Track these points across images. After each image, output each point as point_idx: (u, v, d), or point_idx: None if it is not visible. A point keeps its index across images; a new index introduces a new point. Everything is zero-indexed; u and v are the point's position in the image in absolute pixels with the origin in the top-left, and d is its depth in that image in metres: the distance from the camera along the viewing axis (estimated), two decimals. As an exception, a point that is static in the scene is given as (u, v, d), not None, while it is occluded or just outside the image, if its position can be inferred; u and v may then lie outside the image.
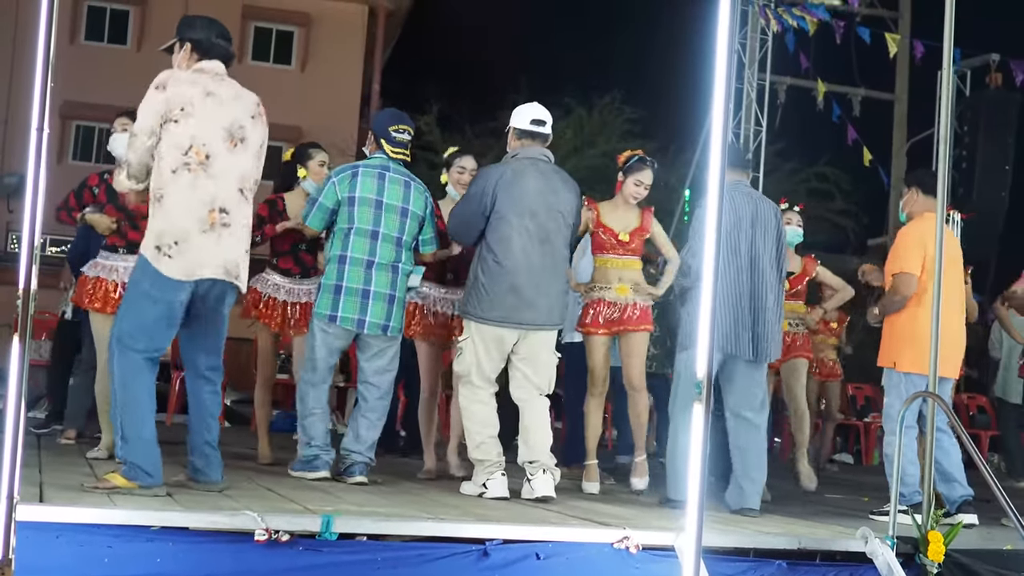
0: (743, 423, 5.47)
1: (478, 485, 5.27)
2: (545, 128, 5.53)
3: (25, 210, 3.16)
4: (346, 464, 5.46)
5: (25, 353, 3.10)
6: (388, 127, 5.60)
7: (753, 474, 5.40)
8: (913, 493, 5.49)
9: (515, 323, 5.30)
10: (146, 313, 4.34)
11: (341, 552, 3.78)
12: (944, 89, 5.16)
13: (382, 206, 5.47)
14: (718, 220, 3.24)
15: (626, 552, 4.02)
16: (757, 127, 14.39)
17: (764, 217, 5.56)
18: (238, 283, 4.53)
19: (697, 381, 3.15)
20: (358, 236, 5.43)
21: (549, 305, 5.37)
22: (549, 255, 5.37)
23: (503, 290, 5.27)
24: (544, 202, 5.36)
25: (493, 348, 5.34)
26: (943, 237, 5.03)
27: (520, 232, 5.30)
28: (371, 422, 5.53)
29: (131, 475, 4.23)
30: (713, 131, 3.22)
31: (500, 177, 5.36)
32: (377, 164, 5.56)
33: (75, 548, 3.52)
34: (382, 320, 5.46)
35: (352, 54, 21.14)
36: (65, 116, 19.00)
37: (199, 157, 4.37)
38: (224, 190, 4.43)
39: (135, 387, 4.31)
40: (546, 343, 5.43)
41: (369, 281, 5.42)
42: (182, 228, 4.34)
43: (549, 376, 5.45)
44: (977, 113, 14.74)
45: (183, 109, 4.35)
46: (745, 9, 14.09)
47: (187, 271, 4.35)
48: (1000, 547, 4.77)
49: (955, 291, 5.71)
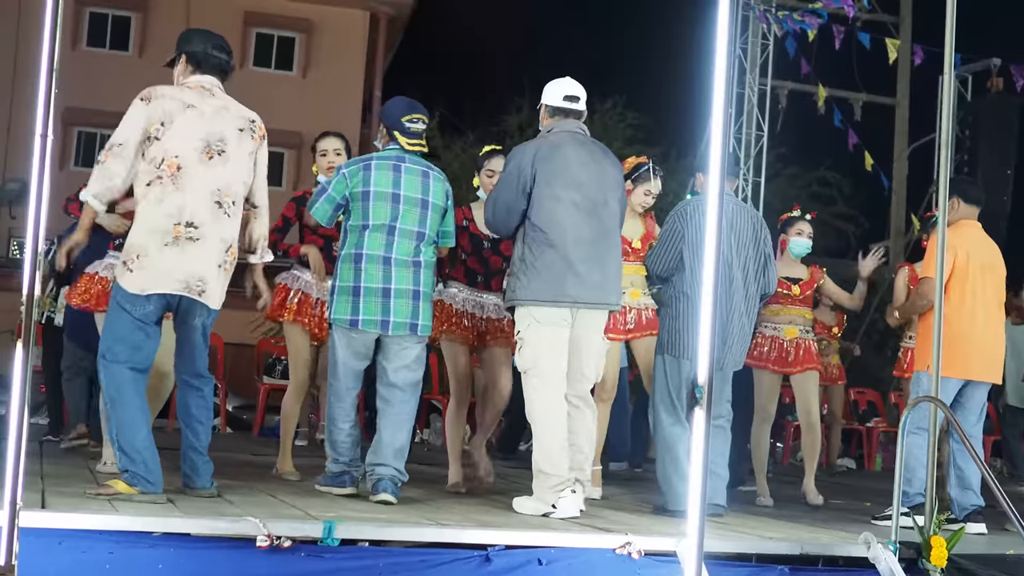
0: (714, 429, 5.42)
1: (544, 503, 4.77)
2: (579, 104, 5.19)
3: (28, 216, 3.17)
4: (373, 480, 4.91)
5: (28, 359, 3.10)
6: (401, 117, 5.14)
7: (717, 471, 5.31)
8: (916, 495, 5.48)
9: (571, 300, 4.90)
10: (120, 326, 4.39)
11: (343, 558, 3.78)
12: (945, 94, 5.17)
13: (399, 199, 5.02)
14: (718, 225, 3.24)
15: (628, 558, 4.02)
16: (758, 132, 14.39)
17: (740, 225, 5.51)
18: (201, 300, 4.45)
19: (698, 387, 3.15)
20: (374, 232, 4.97)
21: (605, 282, 4.97)
22: (599, 228, 4.98)
23: (557, 267, 4.88)
24: (588, 173, 5.00)
25: (557, 331, 4.89)
26: (944, 240, 5.03)
27: (566, 204, 4.92)
28: (397, 426, 4.99)
29: (132, 481, 4.25)
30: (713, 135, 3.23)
31: (537, 151, 5.00)
32: (392, 156, 5.12)
33: (77, 554, 3.52)
34: (408, 318, 4.99)
35: (353, 60, 21.14)
36: (67, 122, 19.00)
37: (171, 169, 4.37)
38: (194, 203, 4.39)
39: (123, 399, 4.34)
40: (596, 326, 5.04)
41: (389, 279, 4.96)
42: (143, 243, 4.36)
43: (598, 365, 5.09)
44: (978, 118, 14.74)
45: (163, 124, 4.38)
46: (746, 14, 14.10)
47: (143, 285, 4.36)
48: (1003, 552, 4.76)
49: (993, 296, 5.79)
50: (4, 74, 17.40)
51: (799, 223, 6.92)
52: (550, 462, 4.79)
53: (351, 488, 5.04)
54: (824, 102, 14.76)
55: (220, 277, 4.51)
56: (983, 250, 5.87)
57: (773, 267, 5.69)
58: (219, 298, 4.54)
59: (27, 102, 3.45)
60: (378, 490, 4.84)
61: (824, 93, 14.76)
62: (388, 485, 4.85)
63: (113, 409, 4.36)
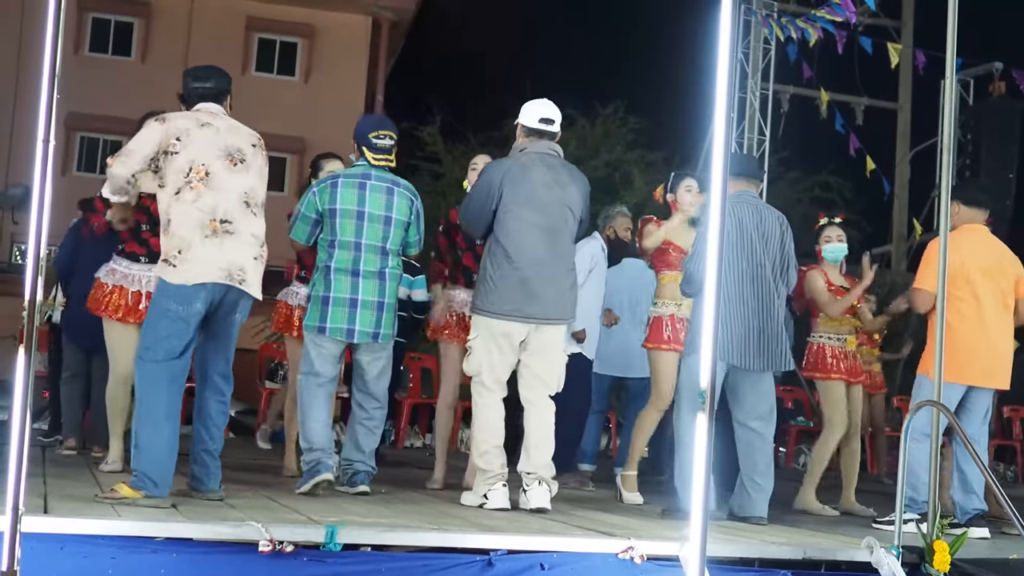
0: (749, 433, 5.47)
1: (479, 496, 5.21)
2: (553, 127, 5.46)
3: (31, 221, 3.17)
4: (348, 474, 5.44)
5: (30, 364, 3.10)
6: (368, 134, 5.48)
7: (760, 481, 5.39)
8: (924, 502, 5.47)
9: (524, 317, 5.23)
10: (161, 324, 4.49)
11: (345, 562, 3.78)
12: (947, 98, 5.17)
13: (364, 216, 5.39)
14: (720, 230, 3.24)
15: (630, 562, 4.01)
16: (760, 136, 14.41)
17: (768, 228, 5.56)
18: (244, 288, 4.62)
19: (700, 391, 3.15)
20: (342, 248, 5.37)
21: (558, 298, 5.30)
22: (557, 248, 5.31)
23: (512, 284, 5.21)
24: (552, 196, 5.30)
25: (504, 344, 5.26)
26: (947, 243, 5.02)
27: (528, 226, 5.25)
28: (369, 430, 5.50)
29: (137, 485, 4.28)
30: (715, 140, 3.23)
31: (507, 171, 5.31)
32: (358, 172, 5.47)
33: (79, 559, 3.52)
34: (371, 328, 5.39)
35: (355, 65, 21.15)
36: (70, 127, 19.01)
37: (199, 174, 4.54)
38: (226, 202, 4.59)
39: (154, 397, 4.41)
40: (555, 338, 5.35)
41: (356, 289, 5.36)
42: (185, 238, 4.51)
43: (558, 374, 5.37)
44: (980, 122, 14.74)
45: (179, 139, 4.55)
46: (748, 19, 14.11)
47: (189, 277, 4.49)
48: (1006, 556, 4.75)
49: (998, 300, 5.71)
50: (7, 79, 17.43)
51: (830, 228, 6.86)
52: (484, 460, 5.23)
53: (327, 474, 5.25)
54: (826, 106, 14.77)
55: (257, 268, 4.70)
56: (985, 254, 5.80)
57: (795, 269, 5.74)
58: (258, 287, 4.72)
59: (29, 107, 3.47)
60: (356, 483, 5.37)
61: (826, 97, 14.77)
62: (364, 478, 5.41)
63: (141, 404, 4.43)
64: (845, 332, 6.81)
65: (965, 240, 5.74)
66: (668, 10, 17.75)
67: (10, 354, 3.23)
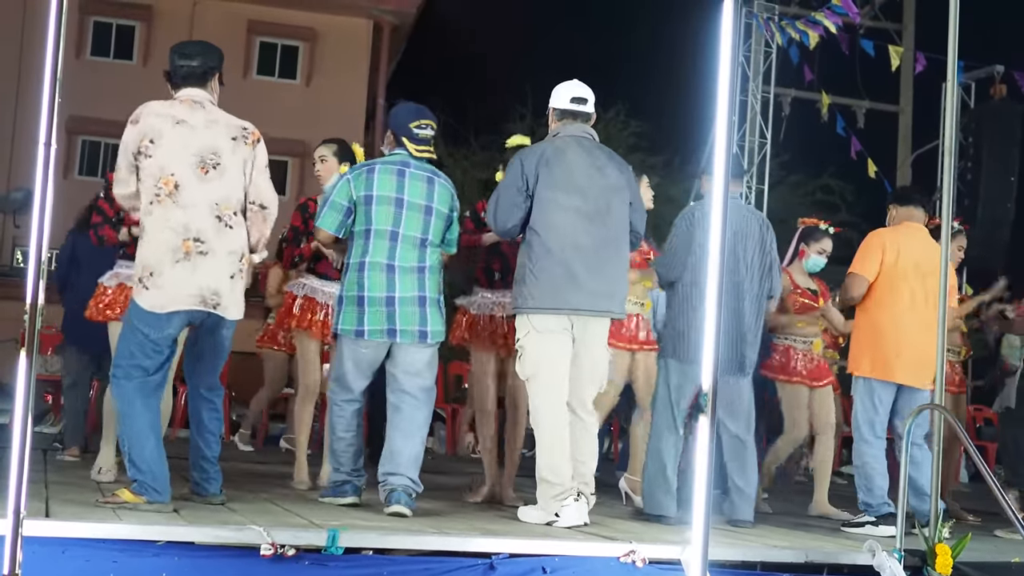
0: (729, 436, 5.46)
1: (548, 512, 4.74)
2: (587, 106, 5.14)
3: (32, 225, 3.17)
4: (385, 490, 4.78)
5: (32, 368, 3.10)
6: (409, 123, 5.03)
7: (741, 485, 5.39)
8: (881, 504, 5.48)
9: (570, 308, 4.85)
10: (134, 345, 4.42)
11: (347, 566, 3.78)
12: (948, 100, 5.16)
13: (403, 204, 4.92)
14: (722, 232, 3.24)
15: (632, 566, 4.01)
16: (762, 139, 14.40)
17: (749, 230, 5.53)
18: (219, 312, 4.48)
19: (703, 394, 3.15)
20: (377, 238, 4.87)
21: (607, 290, 4.91)
22: (602, 234, 4.93)
23: (552, 273, 4.84)
24: (591, 179, 4.96)
25: (558, 340, 4.84)
26: (948, 247, 5.01)
27: (567, 211, 4.88)
28: (408, 434, 4.86)
29: (139, 491, 4.27)
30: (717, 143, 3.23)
31: (540, 156, 4.96)
32: (397, 160, 5.01)
33: (81, 563, 3.52)
34: (416, 326, 4.86)
35: (357, 68, 21.16)
36: (71, 131, 19.03)
37: (168, 187, 4.40)
38: (197, 219, 4.42)
39: (133, 413, 4.37)
40: (599, 334, 4.98)
41: (393, 287, 4.85)
42: (156, 260, 4.39)
43: (602, 374, 5.03)
44: (981, 124, 14.71)
45: (152, 141, 4.42)
46: (749, 22, 14.11)
47: (161, 304, 4.39)
48: (1008, 560, 4.75)
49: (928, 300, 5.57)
50: (8, 83, 17.44)
51: (825, 240, 6.86)
52: (553, 471, 4.76)
53: (353, 498, 4.97)
54: (827, 109, 14.75)
55: (235, 287, 4.53)
56: (919, 252, 5.71)
57: (778, 271, 5.70)
58: (237, 307, 4.56)
59: (31, 111, 3.46)
60: (391, 501, 4.70)
61: (827, 100, 14.75)
62: (402, 496, 4.70)
63: (123, 423, 4.40)
64: (812, 335, 6.80)
65: (902, 236, 5.72)
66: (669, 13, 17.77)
67: (12, 358, 3.23)
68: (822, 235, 6.89)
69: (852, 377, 5.76)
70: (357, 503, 4.96)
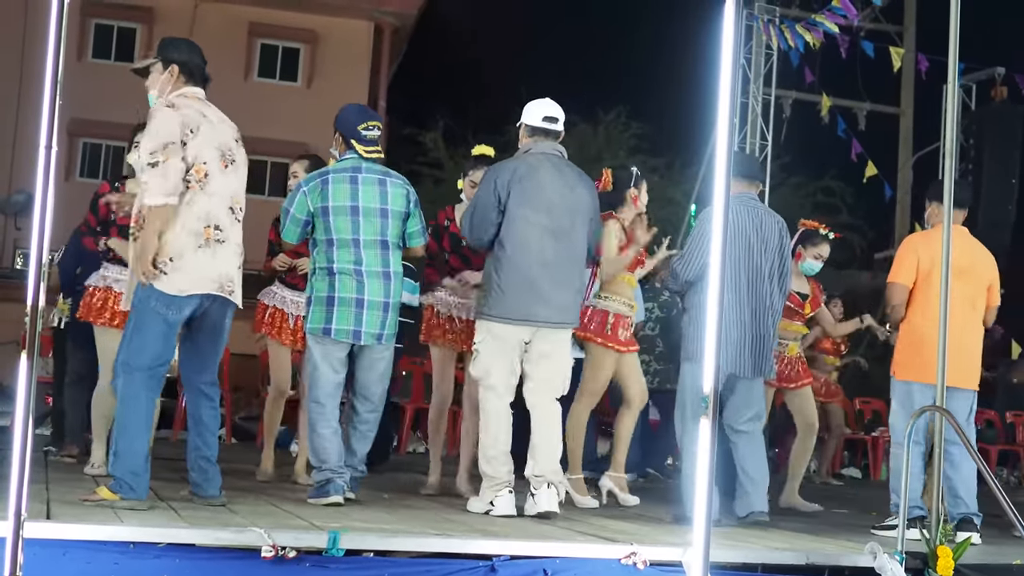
0: (739, 435, 5.47)
1: (485, 502, 5.15)
2: (557, 125, 5.38)
3: (33, 227, 3.17)
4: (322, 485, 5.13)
5: (33, 370, 3.10)
6: (357, 126, 5.22)
7: (755, 477, 5.39)
8: (912, 508, 5.47)
9: (530, 320, 5.15)
10: (149, 333, 4.44)
11: (348, 568, 3.78)
12: (949, 103, 5.16)
13: (358, 211, 5.14)
14: (723, 234, 3.24)
15: (633, 568, 4.01)
16: (763, 141, 14.41)
17: (767, 231, 5.52)
18: (231, 298, 4.62)
19: (703, 396, 3.15)
20: (341, 248, 5.11)
21: (565, 302, 5.22)
22: (565, 251, 5.22)
23: (518, 287, 5.11)
24: (562, 197, 5.22)
25: (510, 349, 5.17)
26: (949, 248, 5.02)
27: (535, 227, 5.15)
28: (362, 434, 5.30)
29: (115, 488, 4.32)
30: (718, 146, 3.23)
31: (513, 172, 5.21)
32: (348, 167, 5.20)
33: (82, 565, 3.53)
34: (377, 329, 5.16)
35: (358, 71, 21.18)
36: (72, 134, 19.05)
37: (199, 175, 4.47)
38: (217, 208, 4.54)
39: (135, 406, 4.42)
40: (561, 343, 5.28)
41: (362, 290, 5.12)
42: (178, 245, 4.44)
43: (564, 378, 5.29)
44: (983, 127, 14.74)
45: (191, 131, 4.46)
46: (750, 24, 14.12)
47: (182, 287, 4.45)
48: (1009, 562, 4.74)
49: (966, 301, 5.59)
50: (10, 85, 17.45)
51: (823, 245, 6.85)
52: (491, 466, 5.15)
53: (336, 496, 5.02)
54: (828, 112, 14.77)
55: (239, 277, 4.67)
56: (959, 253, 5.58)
57: (789, 275, 5.72)
58: (240, 296, 4.70)
59: (33, 113, 3.47)
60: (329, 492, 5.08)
61: (828, 103, 14.77)
62: (354, 485, 5.27)
63: (123, 414, 4.42)
64: (789, 338, 6.79)
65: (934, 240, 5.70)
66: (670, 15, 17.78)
67: (13, 360, 3.23)
68: (820, 239, 6.88)
69: (891, 380, 5.76)
70: (340, 503, 5.01)
